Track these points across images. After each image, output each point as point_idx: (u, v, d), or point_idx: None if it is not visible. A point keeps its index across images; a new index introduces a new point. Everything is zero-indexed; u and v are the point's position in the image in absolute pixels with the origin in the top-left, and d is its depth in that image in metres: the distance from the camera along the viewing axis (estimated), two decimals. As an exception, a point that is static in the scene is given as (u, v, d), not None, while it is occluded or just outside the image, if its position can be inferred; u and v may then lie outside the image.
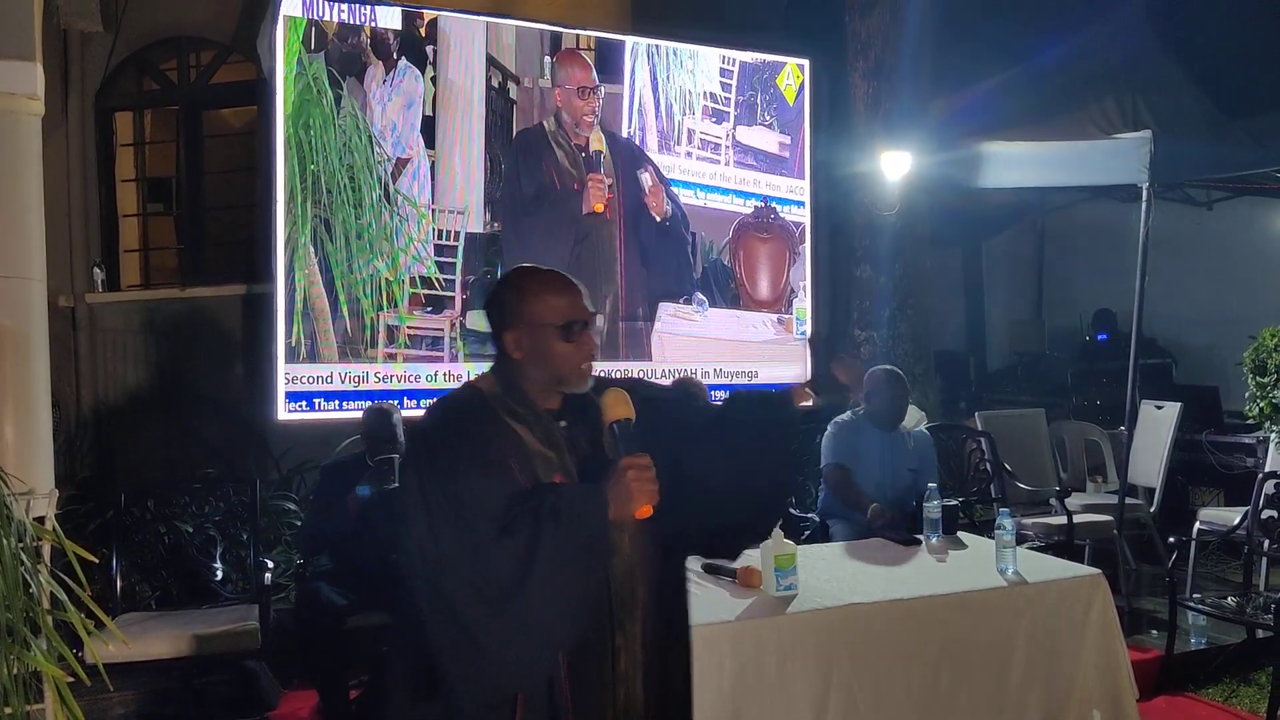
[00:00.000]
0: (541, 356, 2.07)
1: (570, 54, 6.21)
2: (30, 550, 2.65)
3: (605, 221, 6.20)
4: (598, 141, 6.21)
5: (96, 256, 6.56)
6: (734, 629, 3.16)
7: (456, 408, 2.09)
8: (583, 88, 6.19)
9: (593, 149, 6.20)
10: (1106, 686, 3.57)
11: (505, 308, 2.10)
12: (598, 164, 6.20)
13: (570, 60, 6.21)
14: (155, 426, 6.27)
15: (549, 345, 2.06)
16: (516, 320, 2.08)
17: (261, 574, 4.34)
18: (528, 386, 2.09)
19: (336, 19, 5.61)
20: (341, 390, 5.54)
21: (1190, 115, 5.91)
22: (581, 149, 6.16)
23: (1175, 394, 6.78)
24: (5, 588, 2.39)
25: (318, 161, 5.53)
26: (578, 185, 6.15)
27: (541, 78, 6.13)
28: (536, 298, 2.08)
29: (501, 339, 2.10)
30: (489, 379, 2.13)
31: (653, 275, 6.32)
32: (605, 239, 6.22)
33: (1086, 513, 5.81)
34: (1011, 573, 3.62)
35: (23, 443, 4.16)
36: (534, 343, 2.06)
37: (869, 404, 4.94)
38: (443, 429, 2.02)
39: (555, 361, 2.07)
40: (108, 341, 6.36)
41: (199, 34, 6.78)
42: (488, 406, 2.07)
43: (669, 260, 6.38)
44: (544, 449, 2.06)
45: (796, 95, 6.76)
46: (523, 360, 2.08)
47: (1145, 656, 4.74)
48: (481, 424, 2.04)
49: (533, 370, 2.08)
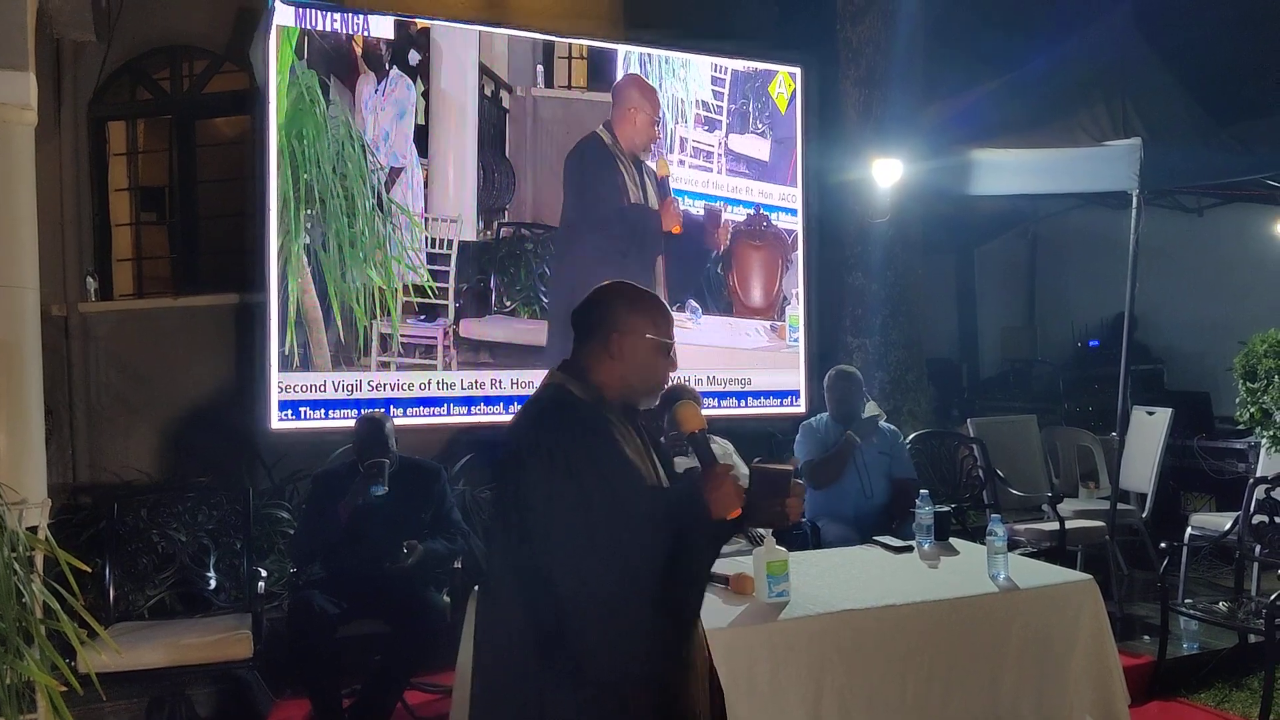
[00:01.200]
0: (641, 364, 2.23)
1: (644, 82, 6.36)
2: (23, 560, 2.65)
3: (656, 239, 6.37)
4: (664, 167, 6.35)
5: (89, 265, 6.55)
6: (726, 636, 3.17)
7: (563, 404, 2.17)
8: (656, 120, 6.35)
9: (660, 174, 6.35)
10: (1098, 692, 3.58)
11: (619, 312, 2.23)
12: (668, 189, 6.36)
13: (647, 89, 6.36)
14: (148, 435, 6.26)
15: (652, 356, 2.23)
16: (629, 327, 2.22)
17: (254, 583, 4.34)
18: (608, 394, 2.22)
19: (329, 28, 5.63)
20: (334, 399, 5.54)
21: (1180, 122, 5.94)
22: (639, 167, 6.30)
23: (1167, 400, 6.80)
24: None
25: (310, 170, 5.54)
26: (638, 200, 6.29)
27: (535, 86, 6.15)
28: (648, 312, 2.26)
29: (608, 339, 2.21)
30: (572, 382, 2.22)
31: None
32: (652, 255, 6.40)
33: (1078, 518, 5.83)
34: (1003, 578, 3.64)
35: (15, 452, 4.16)
36: (638, 350, 2.22)
37: (827, 404, 5.15)
38: (570, 413, 2.13)
39: (652, 372, 2.25)
40: (101, 350, 6.35)
41: (192, 43, 6.78)
42: (593, 408, 2.18)
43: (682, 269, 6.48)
44: (634, 454, 2.19)
45: (788, 103, 6.78)
46: (620, 363, 2.21)
47: (1137, 662, 4.75)
48: (602, 423, 2.16)
49: (627, 374, 2.22)
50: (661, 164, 6.34)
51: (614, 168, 6.22)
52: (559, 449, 2.05)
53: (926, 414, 7.02)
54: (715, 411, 6.19)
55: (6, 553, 2.53)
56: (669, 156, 6.41)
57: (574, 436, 2.07)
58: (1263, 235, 8.03)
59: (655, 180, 6.33)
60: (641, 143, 6.30)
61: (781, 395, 6.65)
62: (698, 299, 6.46)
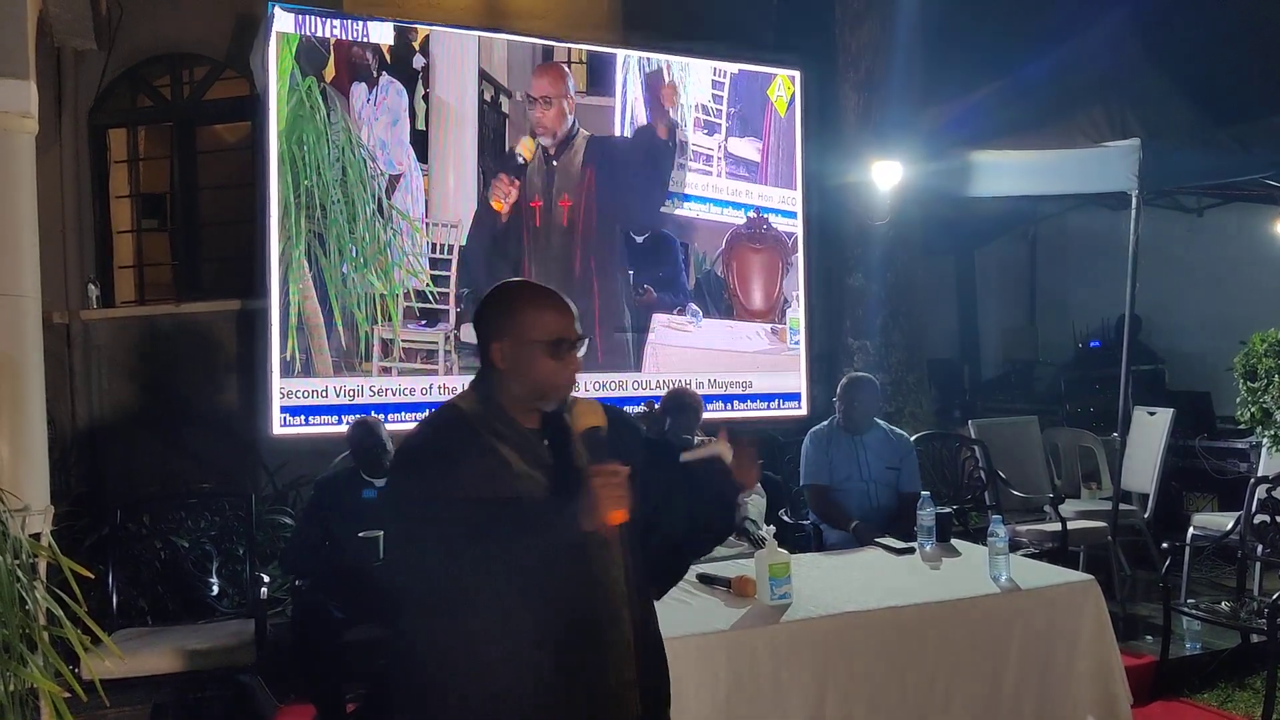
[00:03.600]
0: (526, 371, 2.06)
1: (542, 67, 6.25)
2: (26, 567, 2.66)
3: (559, 231, 6.21)
4: (526, 149, 6.16)
5: (91, 273, 6.56)
6: (729, 638, 3.17)
7: (439, 426, 2.11)
8: (544, 97, 6.20)
9: (519, 152, 6.16)
10: (1100, 692, 3.59)
11: (495, 319, 2.11)
12: (519, 170, 6.15)
13: (540, 72, 6.25)
14: (151, 442, 6.27)
15: (535, 361, 2.06)
16: (506, 332, 2.08)
17: (257, 588, 4.35)
18: (507, 403, 2.09)
19: (328, 35, 5.64)
20: (336, 404, 5.55)
21: (1178, 123, 5.94)
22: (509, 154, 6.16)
23: (1168, 400, 6.80)
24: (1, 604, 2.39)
25: (311, 176, 5.55)
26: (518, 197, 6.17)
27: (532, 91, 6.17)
28: (528, 312, 2.09)
29: (489, 349, 2.09)
30: (469, 397, 2.14)
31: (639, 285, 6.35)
32: (557, 249, 6.23)
33: (1080, 519, 5.83)
34: (1005, 579, 3.64)
35: (18, 459, 4.16)
36: (520, 356, 2.06)
37: (839, 410, 5.04)
38: (426, 448, 2.05)
39: (539, 377, 2.07)
40: (103, 357, 6.36)
41: (192, 50, 6.80)
42: (469, 426, 2.07)
43: (659, 270, 6.40)
44: (528, 469, 2.05)
45: (788, 106, 6.80)
46: (506, 373, 2.08)
47: (1140, 662, 4.75)
48: (464, 443, 2.04)
49: (515, 384, 2.08)
50: (524, 145, 6.16)
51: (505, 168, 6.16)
52: (410, 468, 2.04)
53: (927, 415, 7.03)
54: (716, 415, 6.20)
55: (9, 560, 2.54)
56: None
57: (429, 455, 2.03)
58: (1263, 235, 8.01)
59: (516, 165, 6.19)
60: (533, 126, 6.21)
61: (782, 398, 6.66)
62: (697, 302, 6.46)
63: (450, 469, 1.98)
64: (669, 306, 6.40)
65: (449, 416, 2.12)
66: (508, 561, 1.91)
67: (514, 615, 1.93)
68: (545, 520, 1.95)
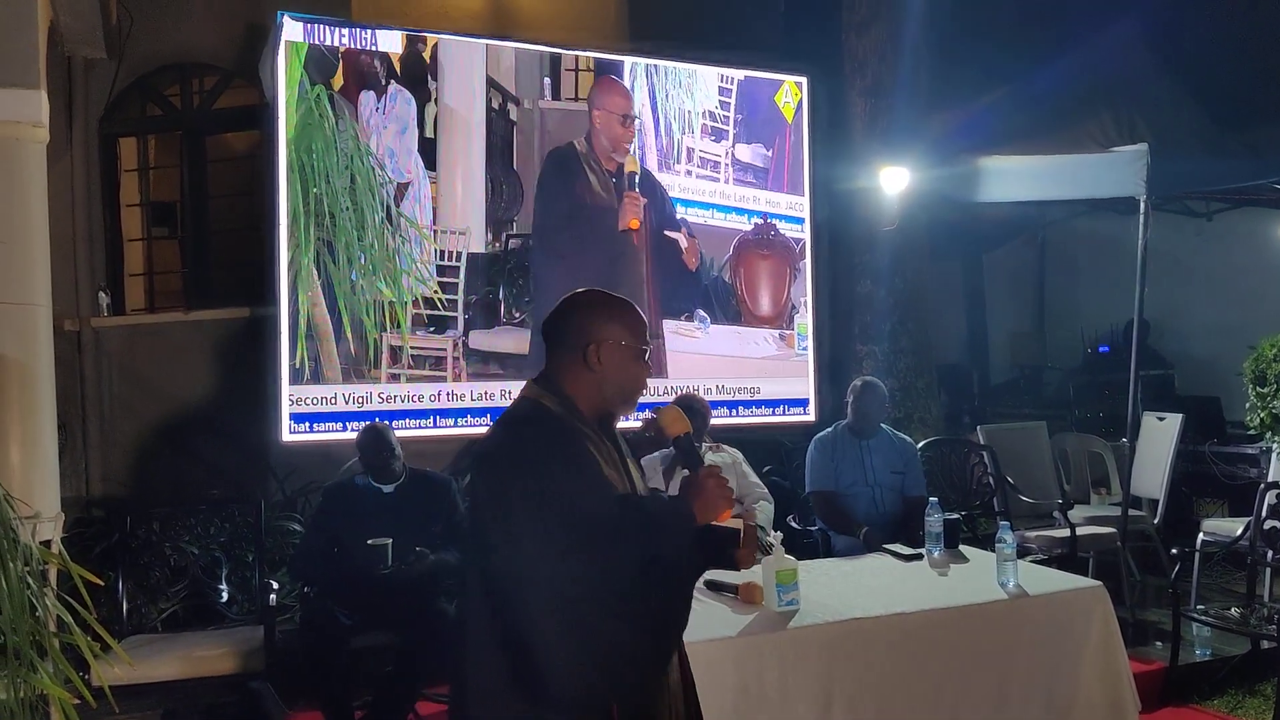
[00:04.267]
0: (618, 373, 2.14)
1: (611, 81, 6.32)
2: (36, 574, 2.67)
3: (634, 243, 6.29)
4: (633, 164, 6.30)
5: (101, 281, 6.59)
6: (736, 645, 3.18)
7: (538, 423, 2.09)
8: (626, 115, 6.30)
9: (627, 170, 6.29)
10: (1109, 698, 3.59)
11: (594, 322, 2.15)
12: (633, 184, 6.29)
13: (612, 88, 6.31)
14: (160, 449, 6.29)
15: (630, 365, 2.16)
16: (607, 336, 2.14)
17: (266, 595, 4.36)
18: (585, 405, 2.14)
19: (336, 44, 5.67)
20: (345, 411, 5.57)
21: (1187, 129, 5.94)
22: (612, 173, 6.26)
23: (1178, 405, 6.79)
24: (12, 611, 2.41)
25: (320, 184, 5.58)
26: (609, 205, 6.25)
27: (542, 98, 6.18)
28: (626, 318, 2.18)
29: (585, 351, 2.13)
30: (548, 397, 2.13)
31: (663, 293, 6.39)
32: (635, 259, 6.31)
33: (1089, 525, 5.81)
34: (1012, 585, 3.64)
35: (28, 466, 4.18)
36: (614, 360, 2.13)
37: (850, 413, 5.05)
38: (535, 445, 2.03)
39: (630, 379, 2.17)
40: (113, 365, 6.39)
41: (202, 60, 6.83)
42: (565, 425, 2.10)
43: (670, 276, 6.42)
44: (609, 469, 2.12)
45: (795, 112, 6.80)
46: (597, 375, 2.13)
47: (1149, 668, 4.74)
48: (567, 442, 2.08)
49: (607, 386, 2.14)
50: (630, 160, 6.30)
51: (579, 173, 6.20)
52: (529, 463, 1.98)
53: (936, 421, 7.02)
54: (724, 420, 6.20)
55: (20, 567, 2.55)
56: (676, 167, 6.43)
57: (545, 450, 2.01)
58: (1273, 239, 8.01)
59: (617, 181, 6.30)
60: (615, 144, 6.28)
61: (791, 404, 6.66)
62: (705, 308, 6.47)
63: (566, 466, 2.01)
64: (677, 312, 6.41)
65: (542, 415, 2.11)
66: (635, 556, 1.97)
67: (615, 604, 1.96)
68: (667, 517, 2.05)
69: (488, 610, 1.98)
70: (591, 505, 1.97)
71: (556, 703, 1.94)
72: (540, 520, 1.93)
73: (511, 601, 1.94)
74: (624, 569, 1.95)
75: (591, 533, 1.93)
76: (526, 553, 1.93)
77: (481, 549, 2.00)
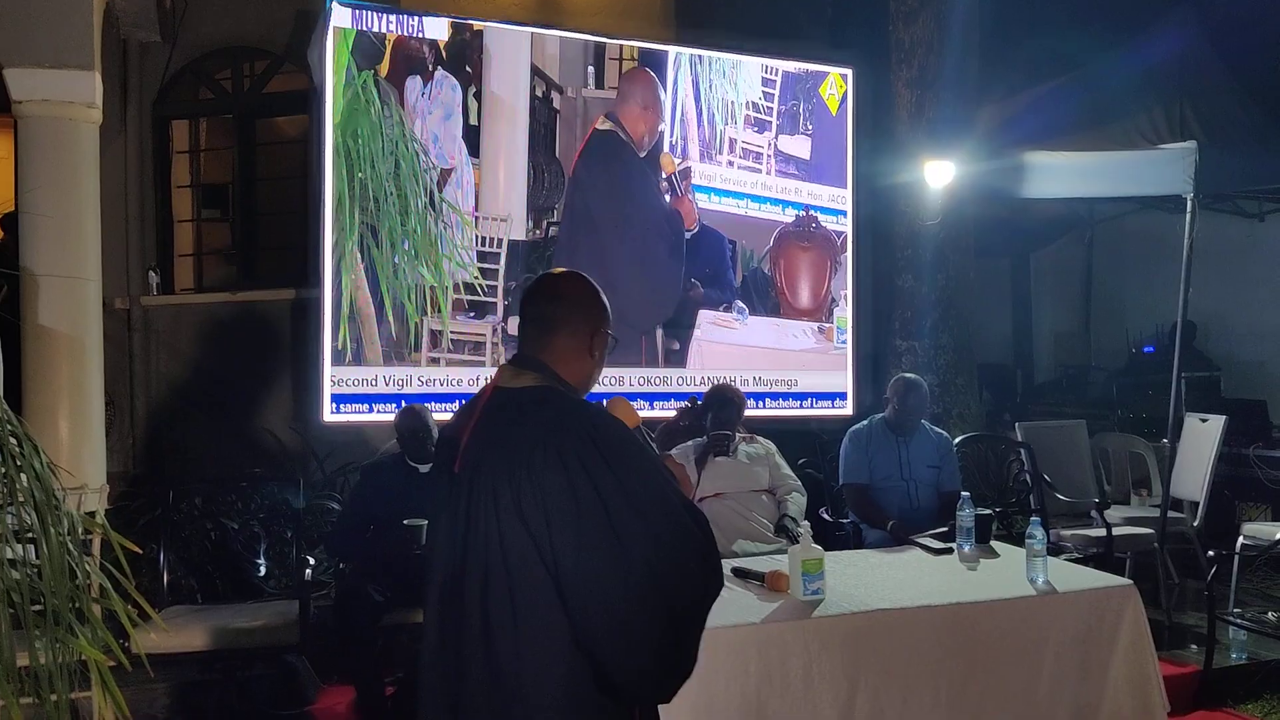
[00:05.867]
0: (601, 361, 2.09)
1: (640, 74, 6.32)
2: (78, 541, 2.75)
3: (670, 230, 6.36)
4: (669, 163, 6.32)
5: (152, 260, 6.74)
6: (760, 631, 3.19)
7: (589, 408, 2.00)
8: (645, 105, 6.31)
9: (666, 170, 6.33)
10: (1137, 699, 3.55)
11: (597, 308, 2.08)
12: (683, 185, 6.35)
13: (635, 75, 6.31)
14: (205, 426, 6.42)
15: (603, 352, 2.09)
16: (604, 323, 2.08)
17: (303, 570, 4.44)
18: (580, 395, 2.06)
19: (384, 29, 5.73)
20: (385, 393, 5.64)
21: (1240, 125, 5.84)
22: (650, 164, 6.30)
23: (1223, 407, 6.68)
24: (52, 574, 2.48)
25: (365, 169, 5.65)
26: (658, 197, 6.32)
27: (585, 87, 6.21)
28: (606, 306, 2.09)
29: (590, 337, 2.05)
30: (558, 384, 2.01)
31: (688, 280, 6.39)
32: (675, 246, 6.38)
33: (1128, 525, 5.75)
34: (1042, 582, 3.61)
35: (76, 439, 4.30)
36: (603, 349, 2.08)
37: (891, 409, 5.02)
38: (613, 425, 1.94)
39: (599, 368, 2.10)
40: (161, 343, 6.53)
41: (253, 44, 6.95)
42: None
43: (704, 267, 6.42)
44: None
45: (840, 104, 6.77)
46: (592, 363, 2.07)
47: (1183, 670, 4.69)
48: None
49: (593, 376, 2.08)
50: (667, 160, 6.33)
51: (632, 164, 6.24)
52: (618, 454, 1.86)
53: (975, 417, 6.97)
54: (761, 412, 6.20)
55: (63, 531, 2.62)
56: (718, 158, 6.43)
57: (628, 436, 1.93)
58: (1325, 241, 7.86)
59: (663, 176, 6.33)
60: (647, 137, 6.30)
61: (829, 397, 6.64)
62: (744, 299, 6.47)
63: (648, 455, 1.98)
64: (715, 303, 6.42)
65: (574, 401, 2.01)
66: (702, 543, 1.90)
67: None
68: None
69: (556, 605, 1.82)
70: (679, 493, 1.91)
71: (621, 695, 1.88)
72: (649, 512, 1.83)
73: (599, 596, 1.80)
74: (695, 553, 1.87)
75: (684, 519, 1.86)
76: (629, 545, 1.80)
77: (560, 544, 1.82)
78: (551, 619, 1.82)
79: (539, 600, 1.82)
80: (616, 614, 1.80)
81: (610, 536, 1.79)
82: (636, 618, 1.79)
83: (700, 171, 6.39)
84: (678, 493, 1.91)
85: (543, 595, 1.82)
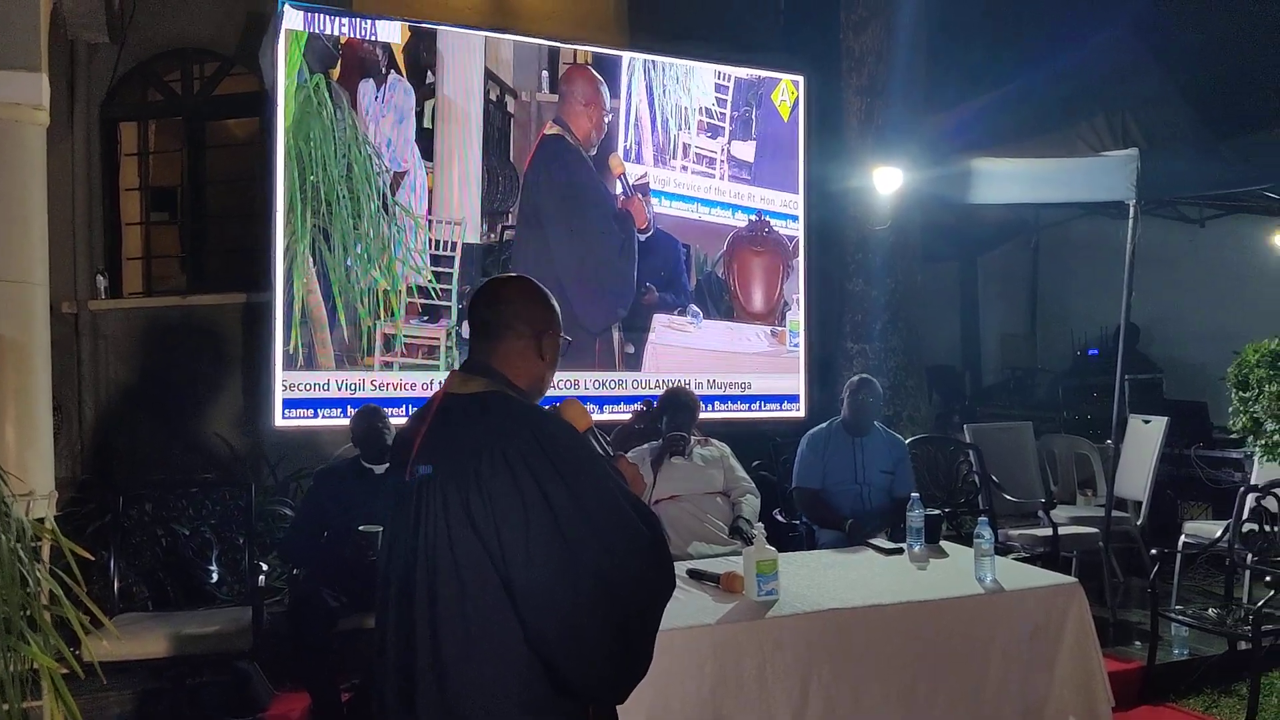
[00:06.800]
0: (552, 365, 2.10)
1: (585, 73, 6.34)
2: (28, 548, 2.72)
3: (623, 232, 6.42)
4: (618, 165, 6.35)
5: (100, 264, 6.64)
6: (715, 632, 3.23)
7: (551, 416, 2.02)
8: (587, 102, 6.33)
9: (615, 171, 6.36)
10: (1082, 695, 3.63)
11: (548, 311, 2.09)
12: (633, 187, 6.39)
13: (589, 80, 6.35)
14: (155, 431, 6.35)
15: (554, 356, 2.10)
16: (552, 325, 2.09)
17: (255, 577, 4.41)
18: (532, 399, 2.06)
19: (336, 32, 5.71)
20: (338, 398, 5.62)
21: (1179, 133, 6.00)
22: (599, 164, 6.34)
23: (1165, 409, 6.84)
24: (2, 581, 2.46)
25: (317, 172, 5.62)
26: (605, 196, 6.35)
27: (540, 91, 6.23)
28: (555, 308, 2.12)
29: (539, 340, 2.05)
30: (509, 389, 2.01)
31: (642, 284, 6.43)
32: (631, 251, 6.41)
33: (1073, 525, 5.87)
34: (990, 581, 3.69)
35: (23, 445, 4.23)
36: (554, 351, 2.09)
37: (845, 410, 5.10)
38: (561, 429, 1.96)
39: (552, 374, 2.12)
40: (110, 347, 6.44)
41: (203, 46, 6.87)
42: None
43: (658, 271, 6.46)
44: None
45: (791, 111, 6.85)
46: (543, 365, 2.08)
47: (1127, 666, 4.79)
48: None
49: (545, 378, 2.09)
50: (616, 161, 6.36)
51: (580, 167, 6.29)
52: (566, 460, 1.88)
53: (925, 420, 7.08)
54: (714, 415, 6.26)
55: (12, 539, 2.60)
56: (671, 163, 6.48)
57: (577, 441, 1.95)
58: (1263, 246, 8.08)
59: (614, 177, 6.38)
60: (594, 134, 6.34)
61: (781, 400, 6.72)
62: (698, 303, 6.52)
63: (598, 459, 1.99)
64: (670, 307, 6.46)
65: (529, 407, 2.01)
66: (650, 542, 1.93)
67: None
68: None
69: (507, 609, 1.84)
70: (629, 496, 1.93)
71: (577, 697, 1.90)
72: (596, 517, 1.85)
73: (549, 602, 1.82)
74: (646, 556, 1.90)
75: (635, 523, 1.89)
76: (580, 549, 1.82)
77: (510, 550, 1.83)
78: (504, 623, 1.84)
79: (490, 605, 1.84)
80: (567, 619, 1.82)
81: (559, 542, 1.81)
82: (588, 622, 1.82)
83: (655, 176, 6.43)
84: (628, 495, 1.94)
85: (494, 600, 1.83)
